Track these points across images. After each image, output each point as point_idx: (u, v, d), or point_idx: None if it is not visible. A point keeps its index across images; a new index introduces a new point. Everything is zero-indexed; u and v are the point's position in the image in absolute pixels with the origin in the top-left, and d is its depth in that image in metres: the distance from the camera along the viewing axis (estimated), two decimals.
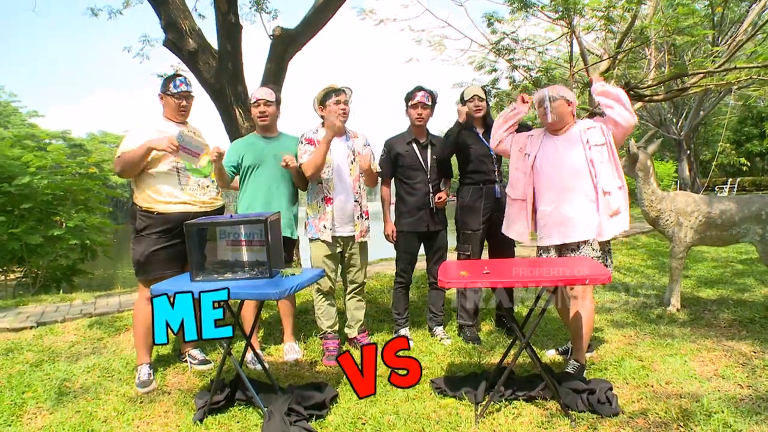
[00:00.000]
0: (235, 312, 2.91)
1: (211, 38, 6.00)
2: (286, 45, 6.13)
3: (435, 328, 4.17)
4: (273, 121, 3.80)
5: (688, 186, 21.70)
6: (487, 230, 4.03)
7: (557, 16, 6.97)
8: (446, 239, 4.18)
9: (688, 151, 22.87)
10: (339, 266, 3.90)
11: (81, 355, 3.87)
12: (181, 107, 3.50)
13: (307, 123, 3.96)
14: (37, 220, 7.92)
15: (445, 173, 4.20)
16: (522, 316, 3.58)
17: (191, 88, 3.56)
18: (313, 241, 3.77)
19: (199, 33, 5.92)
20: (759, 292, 5.22)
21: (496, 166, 4.05)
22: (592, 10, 6.74)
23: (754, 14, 7.67)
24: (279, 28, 6.11)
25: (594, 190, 3.23)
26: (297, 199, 3.93)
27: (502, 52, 7.90)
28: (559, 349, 3.72)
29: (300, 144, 3.75)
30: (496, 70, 8.76)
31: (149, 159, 3.32)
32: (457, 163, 4.22)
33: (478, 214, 3.99)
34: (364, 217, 3.85)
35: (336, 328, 3.85)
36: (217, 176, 3.56)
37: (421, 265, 4.32)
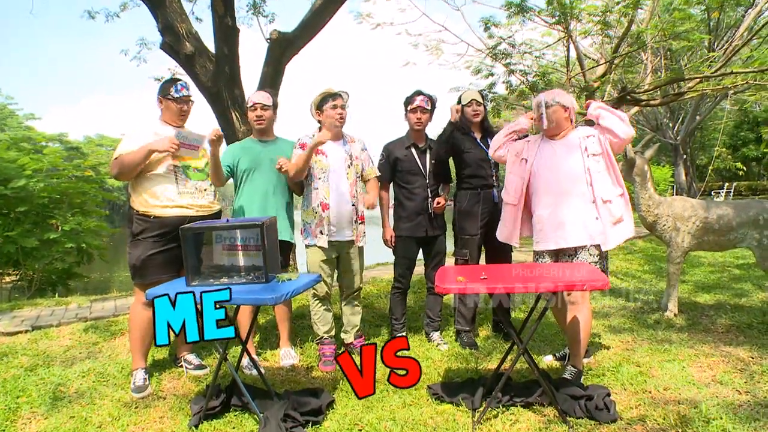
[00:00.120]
0: (231, 317, 2.89)
1: (208, 42, 6.02)
2: (283, 48, 6.14)
3: (432, 334, 4.15)
4: (270, 125, 3.80)
5: (684, 191, 21.75)
6: (485, 235, 4.01)
7: (554, 20, 7.00)
8: (445, 244, 4.17)
9: (685, 156, 22.93)
10: (335, 271, 3.88)
11: (76, 360, 3.84)
12: (183, 112, 3.49)
13: (305, 127, 3.96)
14: (33, 224, 7.90)
15: (444, 178, 4.20)
16: (519, 321, 3.57)
17: (191, 93, 3.56)
18: (310, 246, 3.76)
19: (196, 36, 5.92)
20: (756, 297, 5.22)
21: (494, 170, 4.05)
22: (588, 15, 6.77)
23: (750, 19, 7.72)
24: (276, 31, 6.12)
25: (591, 196, 3.23)
26: (293, 203, 3.92)
27: (499, 57, 7.92)
28: (557, 355, 3.71)
29: (294, 148, 3.74)
30: (493, 75, 8.80)
31: (147, 162, 3.31)
32: (454, 168, 4.22)
33: (476, 219, 3.98)
34: (360, 221, 3.85)
35: (332, 333, 3.83)
36: (213, 167, 3.48)
37: (419, 269, 4.31)
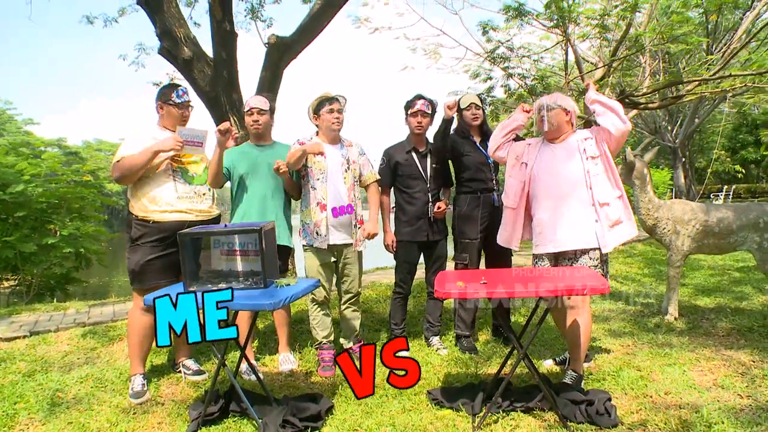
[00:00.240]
0: (229, 321, 2.87)
1: (207, 46, 6.00)
2: (281, 53, 6.14)
3: (431, 338, 4.13)
4: (266, 129, 3.78)
5: (683, 193, 21.76)
6: (485, 239, 4.00)
7: (552, 24, 7.01)
8: (446, 248, 4.16)
9: (683, 159, 22.96)
10: (334, 276, 3.87)
11: (74, 365, 3.82)
12: (184, 117, 3.50)
13: (303, 131, 3.94)
14: (31, 229, 7.87)
15: (445, 182, 4.18)
16: (519, 326, 3.55)
17: (190, 98, 3.57)
18: (307, 249, 3.74)
19: (195, 41, 5.91)
20: (757, 301, 5.21)
21: (493, 174, 4.04)
22: (587, 18, 6.78)
23: (748, 22, 7.72)
24: (274, 36, 6.11)
25: (591, 199, 3.22)
26: (290, 208, 3.90)
27: (498, 61, 7.94)
28: (557, 359, 3.70)
29: (292, 146, 3.73)
30: (491, 79, 8.81)
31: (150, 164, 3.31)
32: (453, 172, 4.21)
33: (476, 223, 3.96)
34: (359, 226, 3.83)
35: (331, 338, 3.82)
36: (215, 163, 3.46)
37: (419, 273, 4.29)
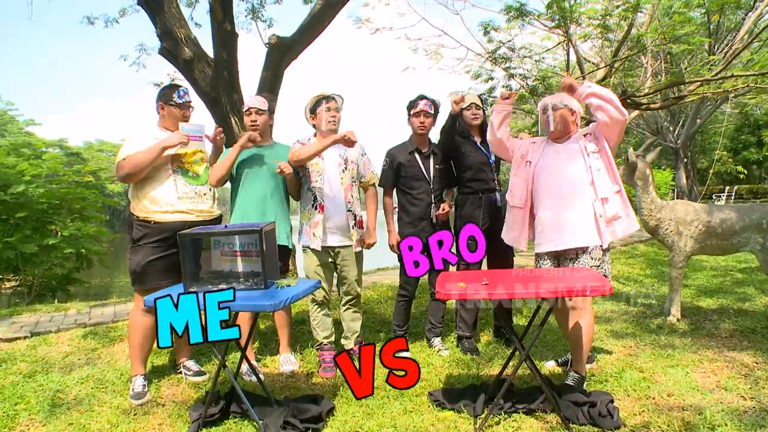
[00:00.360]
0: (231, 322, 2.86)
1: (207, 47, 6.01)
2: (281, 53, 6.14)
3: (433, 339, 4.11)
4: (265, 129, 3.77)
5: (685, 194, 21.72)
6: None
7: (554, 24, 7.01)
8: None
9: (685, 159, 22.91)
10: (334, 276, 3.86)
11: (75, 366, 3.82)
12: (185, 117, 3.50)
13: (303, 131, 3.94)
14: (33, 229, 7.87)
15: (448, 182, 4.16)
16: (521, 327, 3.54)
17: (191, 98, 3.57)
18: (306, 250, 3.73)
19: (195, 41, 5.91)
20: (760, 302, 5.19)
21: (495, 174, 4.03)
22: (588, 19, 6.77)
23: (750, 22, 7.71)
24: (275, 36, 6.11)
25: (594, 195, 3.21)
26: (290, 208, 3.89)
27: (499, 61, 7.94)
28: (559, 361, 3.68)
29: (293, 146, 3.73)
30: (492, 79, 8.81)
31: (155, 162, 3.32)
32: (455, 172, 4.19)
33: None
34: (358, 226, 3.82)
35: (332, 339, 3.80)
36: (227, 166, 3.49)
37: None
